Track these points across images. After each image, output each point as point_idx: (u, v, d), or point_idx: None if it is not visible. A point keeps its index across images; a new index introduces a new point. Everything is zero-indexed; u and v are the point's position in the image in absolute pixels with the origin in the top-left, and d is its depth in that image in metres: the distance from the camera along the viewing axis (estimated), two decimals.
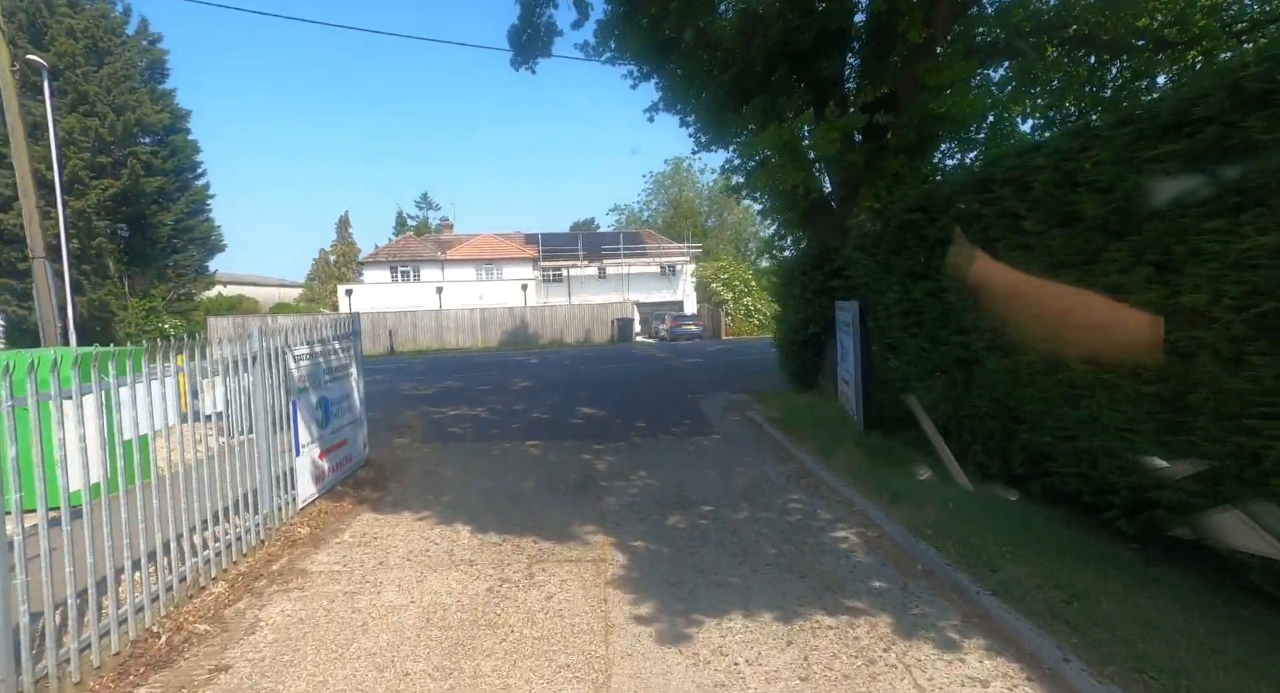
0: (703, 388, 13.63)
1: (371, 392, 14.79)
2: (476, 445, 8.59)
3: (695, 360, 20.00)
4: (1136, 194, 3.58)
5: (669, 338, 33.31)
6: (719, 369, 17.34)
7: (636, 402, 12.01)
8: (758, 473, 6.84)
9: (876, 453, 6.91)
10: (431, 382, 16.37)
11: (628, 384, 14.72)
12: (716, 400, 11.88)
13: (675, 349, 26.07)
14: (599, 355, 23.74)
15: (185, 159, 31.13)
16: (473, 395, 13.52)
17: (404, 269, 40.64)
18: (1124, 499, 4.09)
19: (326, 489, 6.13)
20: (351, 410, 7.01)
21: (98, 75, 25.06)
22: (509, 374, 17.66)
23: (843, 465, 6.59)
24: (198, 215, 32.81)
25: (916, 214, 6.30)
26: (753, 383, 14.12)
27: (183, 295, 32.98)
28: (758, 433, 8.91)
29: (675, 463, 7.36)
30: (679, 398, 12.33)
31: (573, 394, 13.18)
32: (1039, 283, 4.36)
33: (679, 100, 10.43)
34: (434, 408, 11.95)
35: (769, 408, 10.45)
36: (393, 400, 13.12)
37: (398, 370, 20.14)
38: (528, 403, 12.16)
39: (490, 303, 34.69)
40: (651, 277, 44.01)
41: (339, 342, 6.78)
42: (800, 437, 8.10)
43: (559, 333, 32.06)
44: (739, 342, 30.28)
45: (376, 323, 29.63)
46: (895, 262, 6.84)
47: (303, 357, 5.83)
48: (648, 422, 9.96)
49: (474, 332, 30.87)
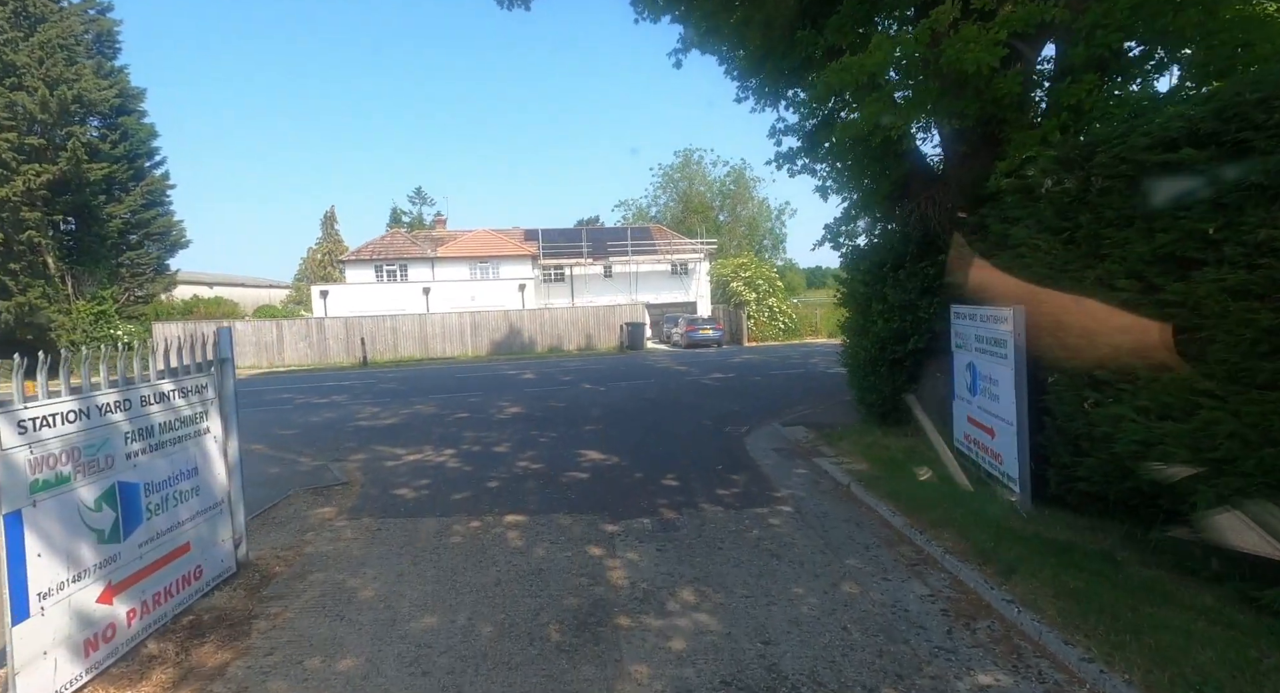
0: (743, 416, 10.95)
1: (315, 423, 12.02)
2: (429, 524, 5.93)
3: (723, 375, 17.29)
4: None
5: (684, 345, 30.62)
6: (756, 388, 14.64)
7: (660, 441, 9.33)
8: (884, 601, 4.16)
9: (1091, 563, 4.20)
10: (398, 406, 13.75)
11: (646, 412, 12.04)
12: (768, 439, 9.20)
13: (695, 360, 23.37)
14: (606, 368, 21.03)
15: (139, 144, 28.75)
16: (444, 428, 10.87)
17: (390, 268, 38.10)
18: None
19: (117, 657, 3.48)
20: (203, 494, 4.36)
21: (28, 44, 22.62)
22: (496, 395, 15.02)
23: (1046, 594, 3.89)
24: (155, 207, 30.44)
25: (1188, 152, 3.62)
26: (806, 409, 11.45)
27: (139, 298, 30.59)
28: (848, 504, 6.22)
29: (736, 571, 4.68)
30: (716, 434, 9.65)
31: (574, 428, 10.51)
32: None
33: (720, 27, 7.76)
34: (389, 448, 9.30)
35: (849, 456, 7.75)
36: (339, 435, 10.48)
37: (363, 389, 17.53)
38: (514, 442, 9.49)
39: (484, 305, 32.09)
40: (661, 275, 41.41)
41: (174, 382, 4.13)
42: (923, 515, 5.41)
43: (558, 339, 29.39)
44: (766, 350, 27.56)
45: (351, 329, 27.03)
46: (1117, 238, 4.16)
47: (59, 418, 3.18)
48: (680, 477, 7.29)
49: (462, 338, 28.22)
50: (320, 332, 26.78)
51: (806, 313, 35.52)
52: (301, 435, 10.55)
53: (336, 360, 26.49)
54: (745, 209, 63.48)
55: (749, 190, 62.83)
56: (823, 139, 8.87)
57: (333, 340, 26.52)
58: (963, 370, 6.58)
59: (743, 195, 62.91)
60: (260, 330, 26.91)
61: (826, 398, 12.64)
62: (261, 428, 11.22)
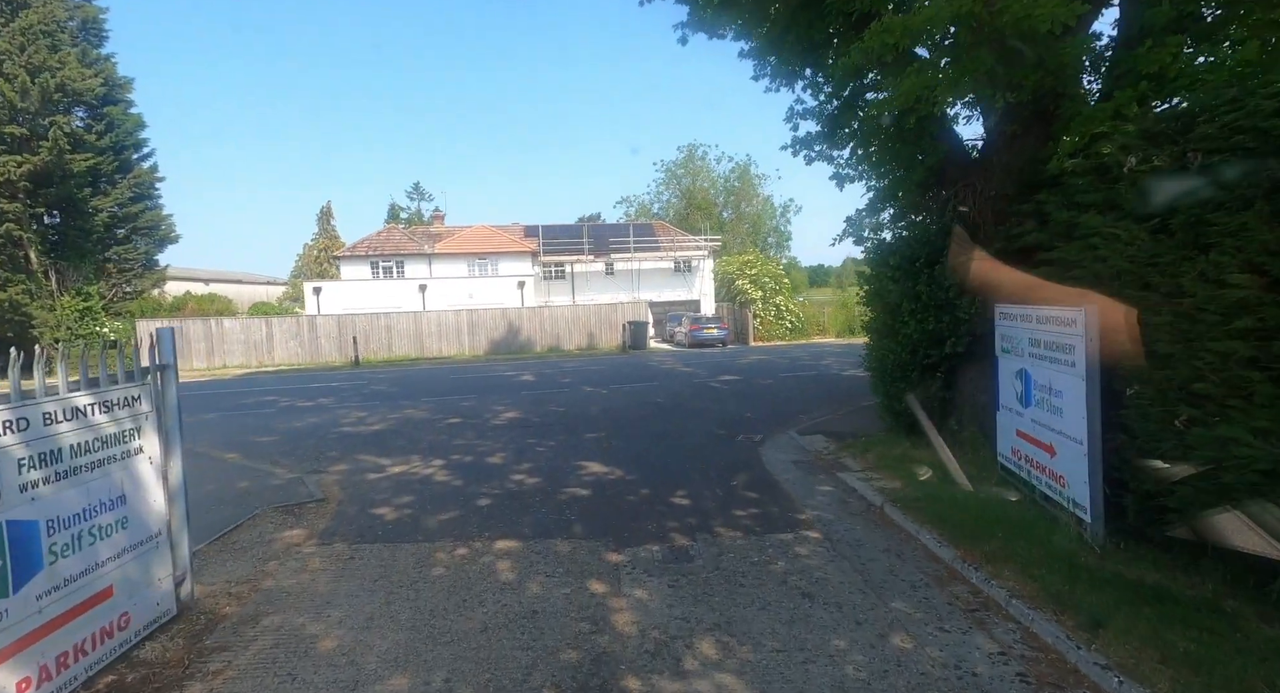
0: (756, 423, 10.28)
1: (297, 428, 10.97)
2: (409, 552, 5.26)
3: (732, 377, 16.62)
4: None
5: (688, 344, 29.95)
6: (767, 392, 13.97)
7: (668, 451, 8.66)
8: (944, 661, 3.48)
9: (1197, 617, 3.51)
10: (387, 410, 13.09)
11: (651, 418, 11.37)
12: (785, 449, 8.53)
13: (700, 360, 22.69)
14: (608, 369, 20.35)
15: (125, 135, 28.11)
16: (434, 435, 10.21)
17: (386, 264, 37.45)
18: None
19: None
20: (132, 527, 3.69)
21: (8, 29, 21.95)
22: (491, 398, 14.35)
23: (1150, 658, 3.21)
24: (143, 201, 29.79)
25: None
26: (823, 415, 10.77)
27: (127, 294, 29.97)
28: (884, 530, 5.55)
29: (763, 616, 4.01)
30: (727, 443, 8.98)
31: (574, 436, 9.84)
32: None
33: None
34: (373, 458, 8.64)
35: (877, 471, 7.08)
36: (320, 443, 9.81)
37: (351, 391, 16.86)
38: (508, 452, 8.82)
39: (482, 303, 31.42)
40: (664, 273, 40.75)
41: (93, 395, 3.46)
42: (976, 546, 4.73)
43: (557, 338, 28.68)
44: (773, 350, 26.88)
45: (344, 327, 26.31)
46: (1229, 225, 3.49)
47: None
48: (691, 495, 6.62)
49: (459, 337, 27.52)
50: (312, 330, 26.04)
51: (814, 312, 34.79)
52: (280, 443, 9.89)
53: (328, 360, 25.79)
54: (750, 206, 62.76)
55: (753, 187, 62.10)
56: (844, 122, 8.19)
57: (325, 339, 25.80)
58: (1011, 379, 5.90)
59: (747, 192, 62.19)
60: (249, 328, 26.18)
61: (843, 403, 11.96)
62: (238, 435, 10.56)
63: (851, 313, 35.94)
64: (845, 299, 40.46)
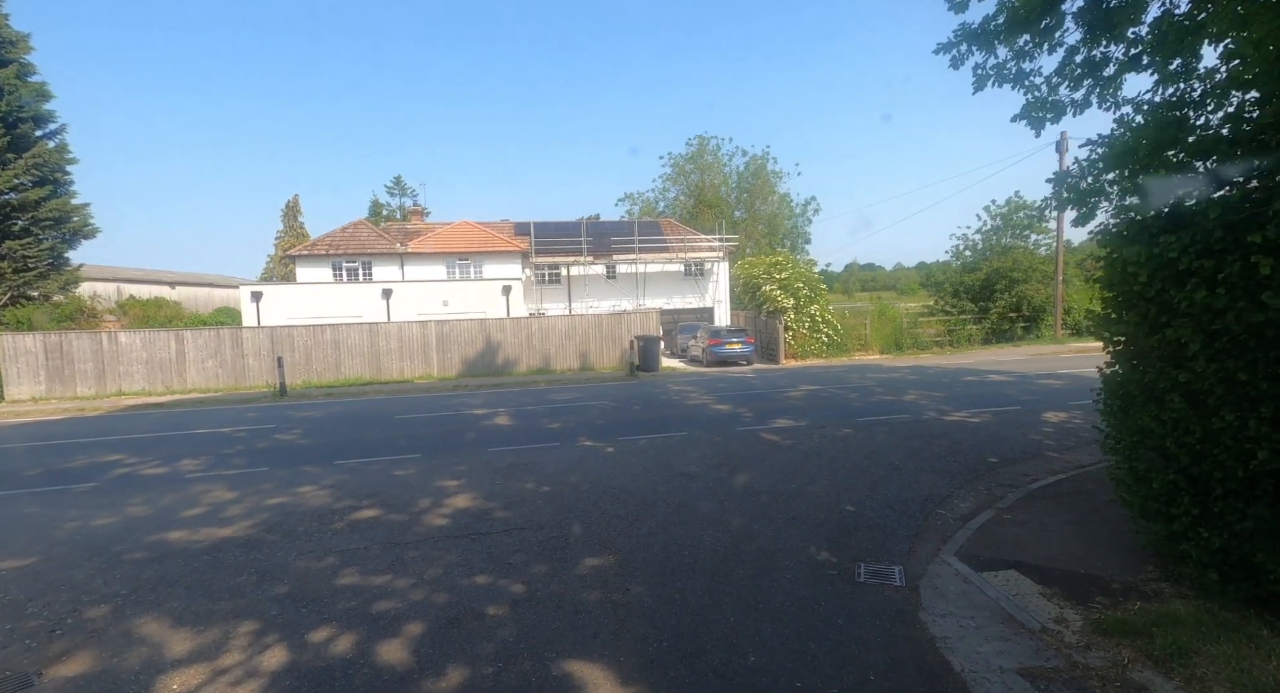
0: (875, 527, 6.12)
1: (88, 535, 6.34)
2: None
3: (790, 423, 12.35)
4: None
5: (706, 361, 25.87)
6: (859, 451, 9.78)
7: (736, 616, 4.53)
8: None
9: None
10: (270, 489, 8.96)
11: (691, 516, 7.26)
12: (969, 614, 4.40)
13: (733, 390, 18.46)
14: (612, 406, 15.97)
15: (20, 105, 24.11)
16: (308, 563, 6.10)
17: (351, 265, 33.44)
18: None
19: None
20: None
21: None
22: (442, 461, 10.24)
23: None
24: (46, 185, 25.81)
25: None
26: (975, 502, 6.58)
27: (21, 298, 25.92)
28: None
29: None
30: (846, 589, 4.83)
31: (561, 566, 5.74)
32: None
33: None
34: (154, 632, 4.54)
35: None
36: (91, 579, 5.70)
37: (243, 443, 12.67)
38: (430, 621, 4.72)
39: (459, 311, 27.33)
40: (673, 277, 36.82)
41: None
42: None
43: (546, 357, 24.48)
44: (816, 372, 22.66)
45: (277, 341, 21.97)
46: None
47: None
48: None
49: (425, 355, 23.29)
50: (235, 346, 21.46)
51: (854, 323, 30.69)
52: (18, 581, 5.79)
53: (255, 384, 21.29)
54: (765, 205, 58.87)
55: (770, 184, 58.23)
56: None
57: (252, 357, 21.38)
58: None
59: (763, 190, 58.32)
60: (153, 344, 20.96)
61: (989, 476, 7.87)
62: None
63: (898, 325, 31.88)
64: (883, 308, 36.42)
